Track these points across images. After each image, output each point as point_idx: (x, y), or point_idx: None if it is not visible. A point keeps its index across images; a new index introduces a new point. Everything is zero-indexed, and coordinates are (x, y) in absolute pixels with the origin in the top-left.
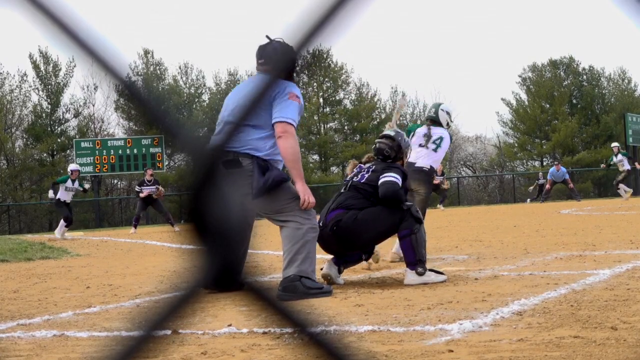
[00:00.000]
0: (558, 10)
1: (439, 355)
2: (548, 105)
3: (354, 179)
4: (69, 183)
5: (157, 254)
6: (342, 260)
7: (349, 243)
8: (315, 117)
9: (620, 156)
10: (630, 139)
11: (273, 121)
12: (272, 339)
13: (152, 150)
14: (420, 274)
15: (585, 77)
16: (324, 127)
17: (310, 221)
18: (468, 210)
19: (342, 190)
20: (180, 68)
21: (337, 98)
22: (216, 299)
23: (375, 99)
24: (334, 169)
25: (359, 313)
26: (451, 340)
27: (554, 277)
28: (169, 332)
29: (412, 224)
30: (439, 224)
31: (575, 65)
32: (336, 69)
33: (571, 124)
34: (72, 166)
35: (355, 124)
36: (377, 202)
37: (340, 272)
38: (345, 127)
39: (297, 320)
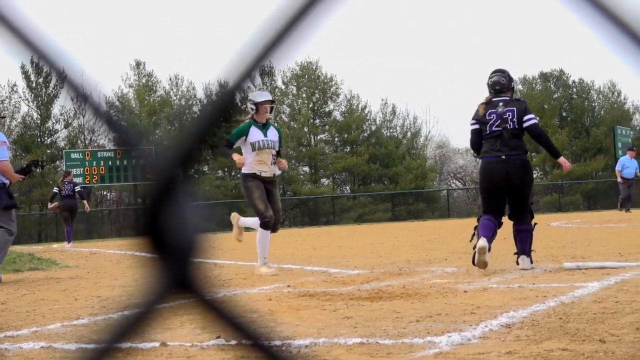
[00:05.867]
0: (548, 23)
1: None
2: (538, 118)
3: (506, 126)
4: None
5: (146, 266)
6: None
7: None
8: (305, 129)
9: None
10: (620, 152)
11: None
12: (261, 350)
13: (142, 161)
14: (532, 262)
15: (575, 90)
16: (314, 139)
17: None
18: (458, 222)
19: (500, 137)
20: (170, 80)
21: (327, 110)
22: (203, 310)
23: (366, 111)
24: (324, 180)
25: (348, 325)
26: (439, 353)
27: (543, 290)
28: (157, 344)
29: (530, 220)
30: (429, 237)
31: (565, 78)
32: (326, 80)
33: (561, 137)
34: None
35: (346, 135)
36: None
37: (489, 249)
38: (336, 139)
39: (252, 333)
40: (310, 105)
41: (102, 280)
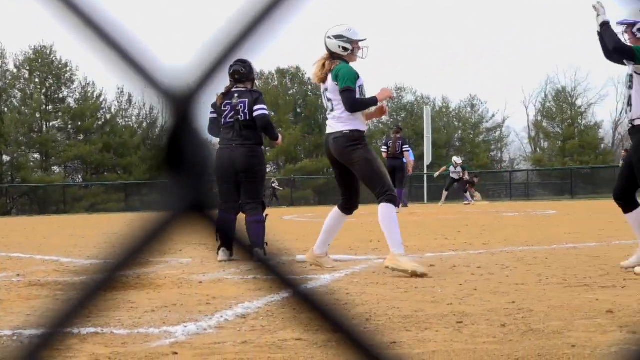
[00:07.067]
0: (285, 20)
1: (164, 357)
2: (273, 113)
3: (238, 117)
4: None
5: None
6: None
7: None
8: (37, 115)
9: (459, 168)
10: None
11: None
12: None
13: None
14: (266, 254)
15: (310, 87)
16: (47, 125)
17: None
18: None
19: (232, 129)
20: None
21: (61, 96)
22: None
23: (101, 99)
24: (56, 168)
25: (82, 315)
26: (175, 343)
27: (277, 281)
28: None
29: (262, 212)
30: None
31: (301, 75)
32: (60, 66)
33: (295, 133)
34: None
35: (80, 123)
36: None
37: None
38: (69, 126)
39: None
40: (43, 91)
41: None
